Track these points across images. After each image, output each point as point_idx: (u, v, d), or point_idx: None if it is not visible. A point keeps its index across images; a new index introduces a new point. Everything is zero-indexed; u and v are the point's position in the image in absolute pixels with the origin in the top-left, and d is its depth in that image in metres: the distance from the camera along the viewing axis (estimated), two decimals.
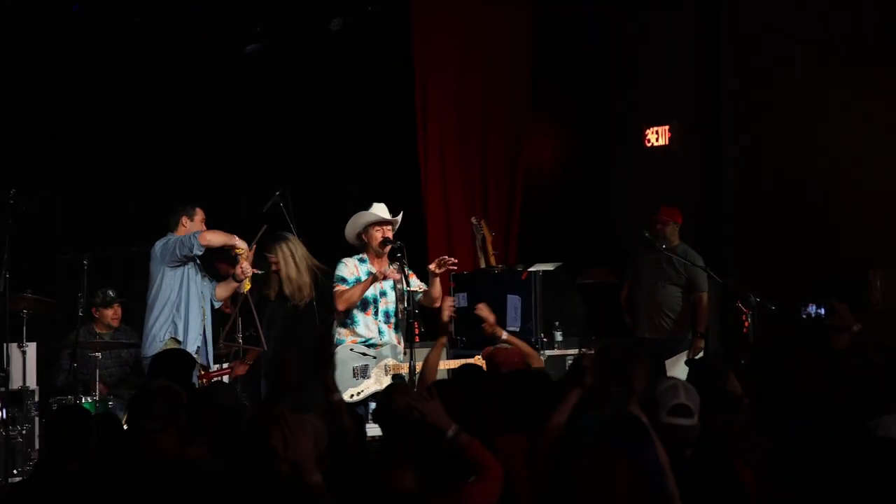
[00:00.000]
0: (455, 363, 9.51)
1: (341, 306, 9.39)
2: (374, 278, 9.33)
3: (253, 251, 9.70)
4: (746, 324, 9.88)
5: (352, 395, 9.15)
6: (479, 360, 8.78)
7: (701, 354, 10.86)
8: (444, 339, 7.95)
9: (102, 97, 12.15)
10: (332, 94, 13.35)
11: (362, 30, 12.84)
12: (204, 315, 9.79)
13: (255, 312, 9.68)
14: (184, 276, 9.65)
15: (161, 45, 12.13)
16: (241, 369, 10.01)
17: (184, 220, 9.77)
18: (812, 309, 8.03)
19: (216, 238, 9.61)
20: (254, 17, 12.07)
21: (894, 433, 5.19)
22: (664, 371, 7.55)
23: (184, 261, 9.59)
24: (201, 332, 9.73)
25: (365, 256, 9.56)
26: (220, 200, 12.29)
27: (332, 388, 5.96)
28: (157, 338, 9.56)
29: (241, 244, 9.62)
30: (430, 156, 13.66)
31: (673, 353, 10.41)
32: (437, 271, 9.32)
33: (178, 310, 9.59)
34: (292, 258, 9.87)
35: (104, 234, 12.01)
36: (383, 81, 13.63)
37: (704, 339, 11.09)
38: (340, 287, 9.44)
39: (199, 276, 9.81)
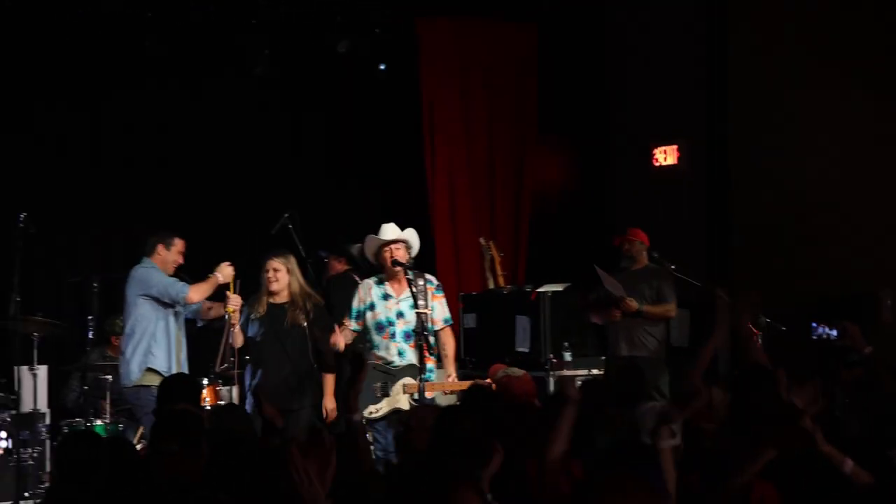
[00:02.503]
0: (464, 384, 9.45)
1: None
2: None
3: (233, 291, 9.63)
4: (758, 345, 9.83)
5: (370, 413, 9.10)
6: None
7: None
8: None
9: (111, 120, 12.27)
10: (340, 116, 13.41)
11: (369, 52, 12.87)
12: (180, 346, 9.70)
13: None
14: (163, 310, 9.59)
15: (168, 67, 12.19)
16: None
17: (160, 248, 9.72)
18: (823, 330, 7.97)
19: (202, 295, 9.57)
20: (261, 39, 12.07)
21: None
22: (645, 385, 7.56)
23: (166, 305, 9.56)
24: (178, 362, 9.61)
25: (382, 276, 9.54)
26: (228, 222, 12.36)
27: (354, 408, 5.93)
28: (134, 369, 9.48)
29: (221, 277, 9.52)
30: (438, 177, 13.69)
31: (655, 374, 10.31)
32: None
33: (155, 341, 9.51)
34: (298, 273, 9.81)
35: (112, 256, 12.02)
36: (390, 103, 13.67)
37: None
38: (346, 320, 9.54)
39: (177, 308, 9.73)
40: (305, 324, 9.56)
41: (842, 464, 5.42)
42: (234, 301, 9.45)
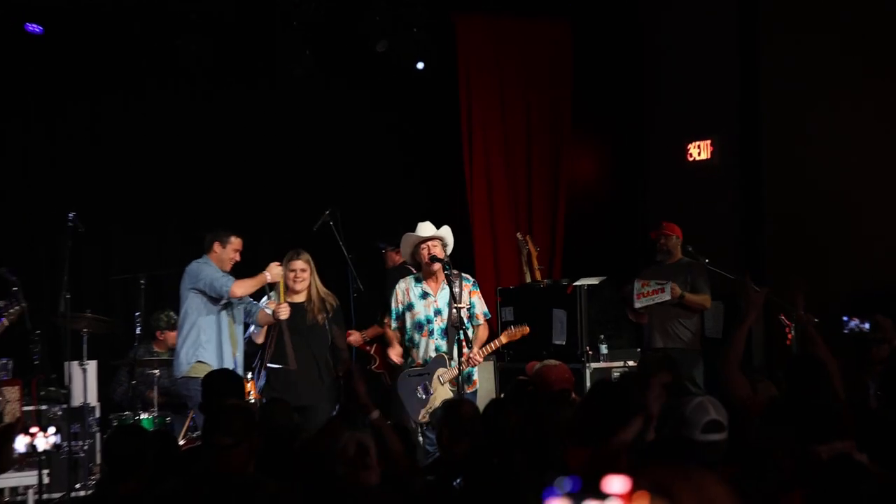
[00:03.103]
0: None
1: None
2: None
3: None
4: (790, 336, 9.83)
5: (422, 416, 9.21)
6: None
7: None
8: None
9: (158, 121, 12.31)
10: (380, 114, 13.43)
11: (407, 51, 12.85)
12: (235, 341, 9.78)
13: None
14: (212, 303, 9.66)
15: (212, 68, 12.21)
16: None
17: (216, 245, 9.77)
18: (855, 324, 7.96)
19: (245, 290, 9.62)
20: (302, 39, 12.12)
21: None
22: (680, 381, 7.56)
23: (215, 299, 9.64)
24: (233, 356, 9.70)
25: (419, 275, 9.63)
26: (272, 219, 12.42)
27: (370, 407, 5.99)
28: (183, 361, 9.57)
29: (270, 276, 9.59)
30: (476, 173, 13.71)
31: (690, 365, 10.33)
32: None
33: (204, 333, 9.58)
34: (316, 273, 9.89)
35: (159, 254, 12.13)
36: (429, 101, 13.70)
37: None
38: (387, 320, 9.74)
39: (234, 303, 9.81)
40: (325, 322, 9.68)
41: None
42: (284, 311, 9.54)
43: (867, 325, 7.66)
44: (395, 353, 9.64)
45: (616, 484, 1.51)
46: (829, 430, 5.69)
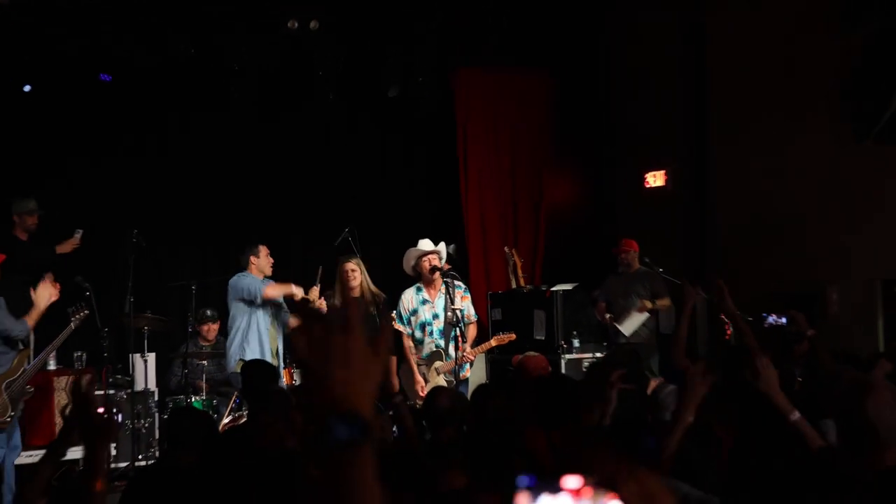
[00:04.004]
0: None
1: None
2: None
3: (318, 289, 9.79)
4: (728, 332, 9.88)
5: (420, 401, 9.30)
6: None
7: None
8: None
9: (204, 149, 12.33)
10: (391, 147, 13.47)
11: (414, 95, 12.91)
12: (274, 337, 9.80)
13: None
14: (252, 308, 9.72)
15: (257, 110, 12.31)
16: None
17: (252, 258, 9.87)
18: (773, 319, 7.97)
19: (276, 292, 9.69)
20: (328, 84, 12.17)
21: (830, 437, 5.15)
22: (641, 372, 7.63)
23: (250, 302, 9.69)
24: (273, 353, 9.73)
25: (420, 285, 9.67)
26: (299, 234, 12.48)
27: (394, 391, 6.02)
28: (232, 359, 9.66)
29: (297, 291, 9.69)
30: (471, 196, 13.72)
31: (648, 356, 10.35)
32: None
33: (246, 336, 9.61)
34: (366, 272, 9.94)
35: (207, 264, 12.20)
36: (431, 136, 13.71)
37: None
38: (396, 324, 9.69)
39: (272, 308, 9.85)
40: (375, 314, 9.75)
41: (790, 413, 5.53)
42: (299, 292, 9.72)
43: (784, 320, 7.67)
44: (419, 386, 9.46)
45: (570, 481, 1.46)
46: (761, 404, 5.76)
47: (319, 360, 1.60)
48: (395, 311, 9.77)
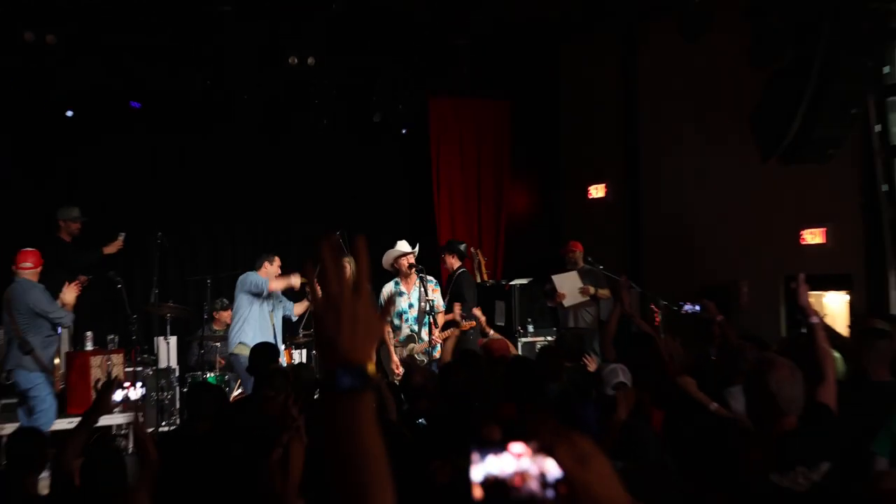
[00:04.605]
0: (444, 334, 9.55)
1: None
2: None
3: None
4: (657, 319, 9.95)
5: (397, 377, 9.26)
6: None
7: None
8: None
9: (218, 163, 12.30)
10: (376, 162, 13.43)
11: (394, 120, 12.87)
12: (273, 327, 9.74)
13: None
14: (254, 300, 9.65)
15: (263, 130, 12.28)
16: None
17: (265, 264, 9.76)
18: (689, 307, 8.00)
19: (280, 285, 9.61)
20: (321, 111, 12.16)
21: (736, 402, 5.16)
22: (582, 350, 7.66)
23: (257, 294, 9.68)
24: (271, 337, 9.65)
25: (398, 279, 9.67)
26: (298, 234, 12.46)
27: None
28: (232, 342, 9.57)
29: (296, 282, 9.66)
30: (442, 204, 13.73)
31: (592, 340, 10.33)
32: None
33: (247, 323, 9.53)
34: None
35: (220, 261, 12.18)
36: (409, 155, 13.71)
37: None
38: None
39: (273, 300, 9.78)
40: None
41: (708, 404, 5.55)
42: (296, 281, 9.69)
43: (698, 308, 7.70)
44: (394, 365, 9.43)
45: (515, 446, 1.45)
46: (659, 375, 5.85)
47: (333, 317, 1.60)
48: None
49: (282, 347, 9.88)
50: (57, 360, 9.20)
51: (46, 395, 8.52)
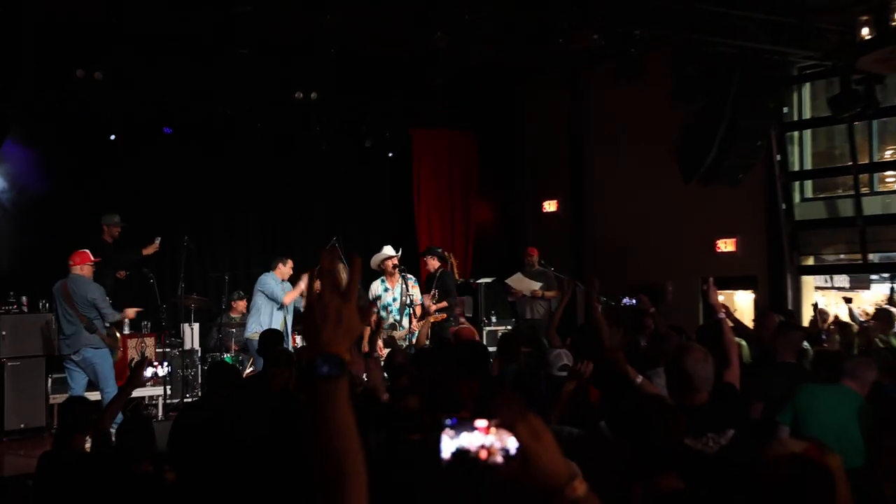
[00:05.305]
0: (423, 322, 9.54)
1: None
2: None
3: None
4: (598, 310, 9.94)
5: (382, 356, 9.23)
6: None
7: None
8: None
9: (233, 179, 12.12)
10: (367, 180, 13.29)
11: (383, 146, 12.82)
12: (284, 319, 9.60)
13: None
14: (268, 299, 9.57)
15: (269, 150, 12.10)
16: None
17: (279, 265, 9.66)
18: (627, 300, 8.02)
19: (291, 298, 9.52)
20: (320, 135, 12.10)
21: (660, 380, 5.18)
22: (540, 337, 7.64)
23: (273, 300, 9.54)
24: (282, 327, 9.54)
25: (384, 278, 9.64)
26: (300, 240, 12.37)
27: (375, 349, 5.99)
28: (249, 329, 9.48)
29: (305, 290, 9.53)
30: (422, 216, 13.69)
31: (544, 330, 10.30)
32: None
33: (262, 315, 9.44)
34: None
35: (236, 260, 12.10)
36: (395, 175, 13.60)
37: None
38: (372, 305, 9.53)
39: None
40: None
41: (636, 378, 5.57)
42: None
43: (634, 301, 7.71)
44: (379, 348, 9.38)
45: (480, 422, 1.46)
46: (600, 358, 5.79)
47: (320, 314, 1.61)
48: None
49: (289, 333, 9.84)
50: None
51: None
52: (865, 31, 8.35)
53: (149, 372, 6.37)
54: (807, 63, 10.77)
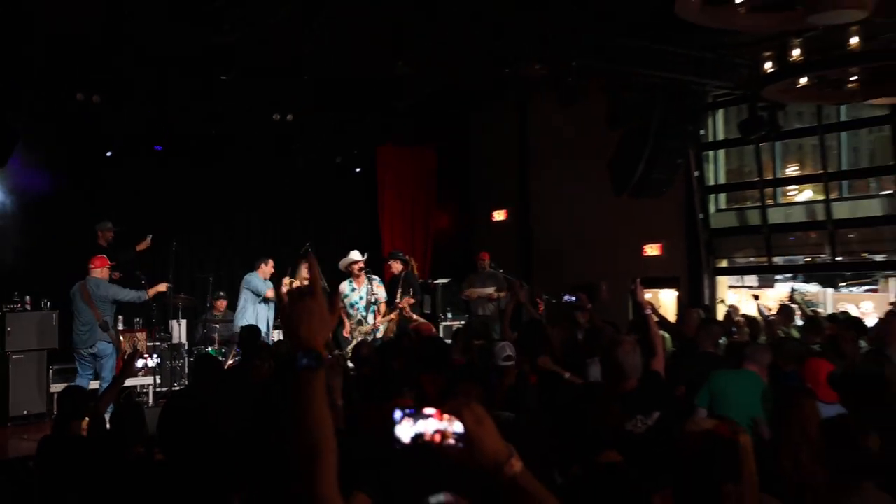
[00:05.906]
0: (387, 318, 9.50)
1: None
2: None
3: (289, 280, 9.40)
4: (541, 309, 10.01)
5: (348, 352, 9.15)
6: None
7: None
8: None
9: (218, 189, 11.92)
10: (337, 192, 13.17)
11: (351, 162, 12.80)
12: (267, 317, 9.62)
13: None
14: (254, 297, 9.54)
15: (252, 166, 11.97)
16: None
17: (262, 266, 9.70)
18: (567, 297, 8.02)
19: (272, 295, 9.51)
20: (297, 153, 12.00)
21: (596, 368, 5.14)
22: (490, 331, 7.62)
23: (257, 295, 9.50)
24: (263, 323, 9.52)
25: (351, 279, 9.58)
26: (278, 245, 12.19)
27: (334, 346, 5.93)
28: (236, 325, 9.41)
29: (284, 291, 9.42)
30: (384, 225, 13.62)
31: (493, 324, 10.03)
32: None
33: (248, 312, 9.43)
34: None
35: (221, 263, 11.97)
36: (362, 188, 13.53)
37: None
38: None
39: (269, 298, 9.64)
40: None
41: (563, 374, 5.50)
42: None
43: (574, 298, 7.72)
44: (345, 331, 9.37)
45: (430, 410, 1.49)
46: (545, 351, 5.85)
47: (294, 314, 1.63)
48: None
49: (270, 328, 9.78)
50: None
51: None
52: (769, 66, 8.59)
53: (140, 363, 6.29)
54: (720, 92, 10.97)
